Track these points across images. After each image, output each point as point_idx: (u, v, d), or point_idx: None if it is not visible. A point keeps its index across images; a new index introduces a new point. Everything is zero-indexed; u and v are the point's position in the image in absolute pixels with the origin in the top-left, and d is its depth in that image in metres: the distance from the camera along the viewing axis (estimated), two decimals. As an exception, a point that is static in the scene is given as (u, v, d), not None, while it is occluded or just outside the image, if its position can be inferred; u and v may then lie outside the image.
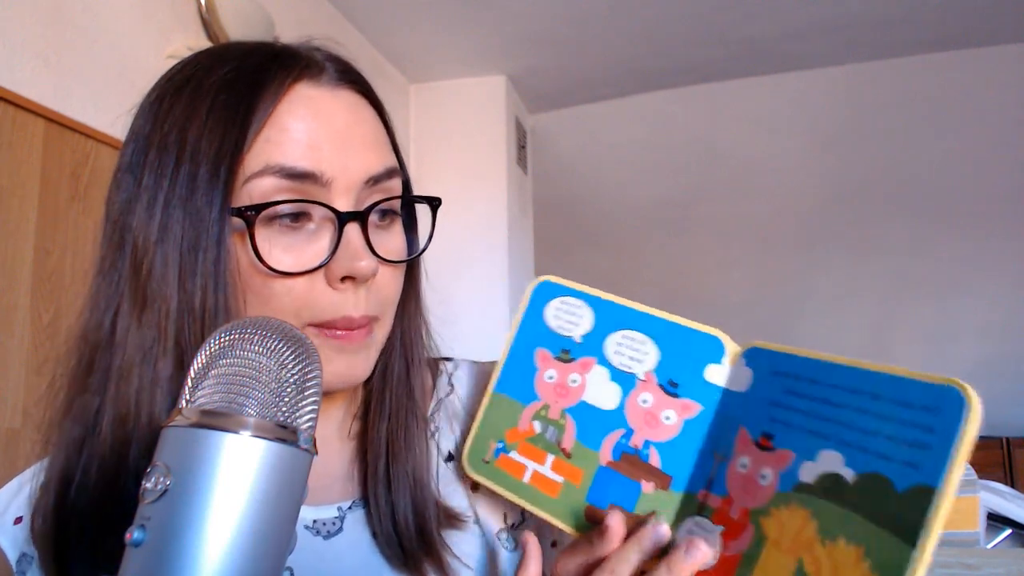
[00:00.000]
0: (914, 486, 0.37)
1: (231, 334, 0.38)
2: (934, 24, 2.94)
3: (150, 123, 0.52)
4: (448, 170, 3.22)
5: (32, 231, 1.45)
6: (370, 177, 0.52)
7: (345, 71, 0.55)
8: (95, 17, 1.64)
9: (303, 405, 0.37)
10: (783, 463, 0.43)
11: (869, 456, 0.39)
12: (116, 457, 0.49)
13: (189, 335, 0.48)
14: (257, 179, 0.49)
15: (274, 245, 0.49)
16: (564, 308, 0.55)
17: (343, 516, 0.56)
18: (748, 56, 3.16)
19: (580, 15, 2.78)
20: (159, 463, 0.35)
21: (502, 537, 0.59)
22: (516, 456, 0.53)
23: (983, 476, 2.35)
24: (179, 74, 0.53)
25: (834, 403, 0.42)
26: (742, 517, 0.43)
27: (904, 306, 4.57)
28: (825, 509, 0.40)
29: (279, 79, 0.51)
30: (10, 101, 1.42)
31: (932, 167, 3.92)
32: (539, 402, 0.54)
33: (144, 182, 0.50)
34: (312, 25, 2.54)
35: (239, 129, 0.49)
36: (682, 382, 0.49)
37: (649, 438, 0.49)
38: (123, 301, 0.50)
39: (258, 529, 0.34)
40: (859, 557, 0.38)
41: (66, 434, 0.51)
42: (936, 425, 0.37)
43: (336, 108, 0.52)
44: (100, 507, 0.49)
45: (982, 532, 2.26)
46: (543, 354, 0.55)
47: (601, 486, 0.49)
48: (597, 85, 3.40)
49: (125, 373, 0.49)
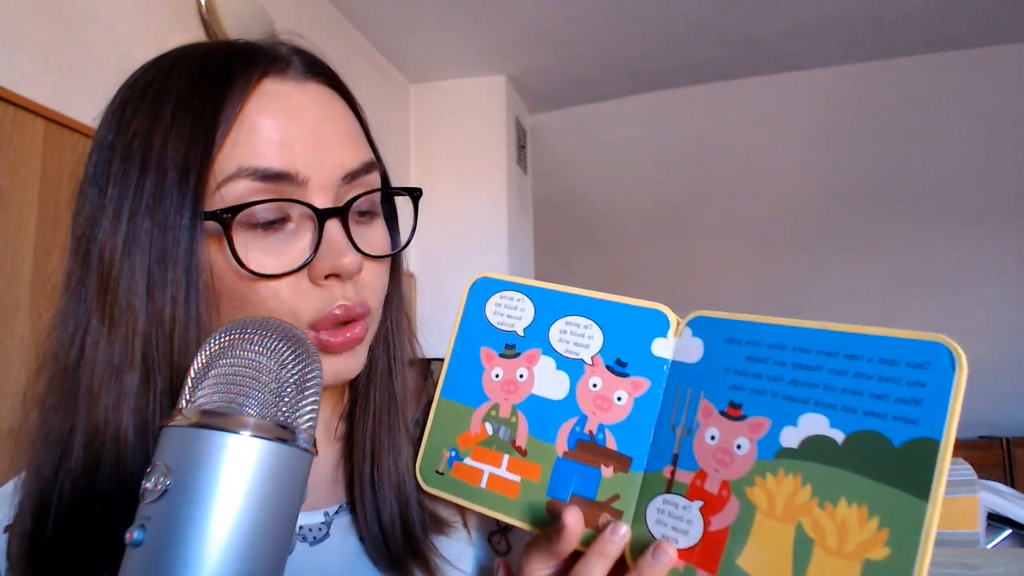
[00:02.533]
0: (913, 440, 0.37)
1: (231, 334, 0.38)
2: (934, 24, 2.94)
3: (113, 131, 0.50)
4: (448, 170, 3.22)
5: (32, 231, 1.45)
6: (347, 173, 0.51)
7: (312, 64, 0.53)
8: (95, 17, 1.64)
9: (303, 405, 0.37)
10: (759, 431, 0.42)
11: (856, 415, 0.39)
12: (87, 478, 0.47)
13: (156, 348, 0.47)
14: (230, 183, 0.47)
15: (253, 248, 0.48)
16: (504, 303, 0.54)
17: (329, 522, 0.55)
18: (748, 56, 3.16)
19: (580, 15, 2.78)
20: (159, 463, 0.35)
21: (494, 540, 0.58)
22: (471, 462, 0.52)
23: (983, 476, 2.35)
24: (140, 79, 0.51)
25: (805, 366, 0.42)
26: (722, 490, 0.43)
27: (904, 306, 4.57)
28: (817, 472, 0.40)
29: (244, 77, 0.49)
30: (10, 101, 1.42)
31: (932, 167, 3.93)
32: (488, 402, 0.52)
33: (109, 193, 0.48)
34: (312, 25, 2.54)
35: (206, 131, 0.47)
36: (630, 360, 0.48)
37: (603, 422, 0.48)
38: (91, 318, 0.48)
39: (258, 529, 0.34)
40: (864, 515, 0.38)
41: (40, 457, 0.49)
42: (928, 380, 0.38)
43: (306, 103, 0.50)
44: (73, 528, 0.48)
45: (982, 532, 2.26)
46: (487, 352, 0.53)
47: (560, 478, 0.48)
48: (597, 85, 3.40)
49: (95, 393, 0.47)
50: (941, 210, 4.16)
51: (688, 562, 0.43)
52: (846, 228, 4.40)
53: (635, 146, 3.95)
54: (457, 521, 0.57)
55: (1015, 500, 2.41)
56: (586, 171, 4.19)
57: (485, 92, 3.24)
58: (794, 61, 3.23)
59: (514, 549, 0.57)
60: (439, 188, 3.19)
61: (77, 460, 0.48)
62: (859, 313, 4.60)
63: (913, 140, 3.76)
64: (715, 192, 4.27)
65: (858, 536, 0.38)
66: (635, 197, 4.39)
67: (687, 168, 4.10)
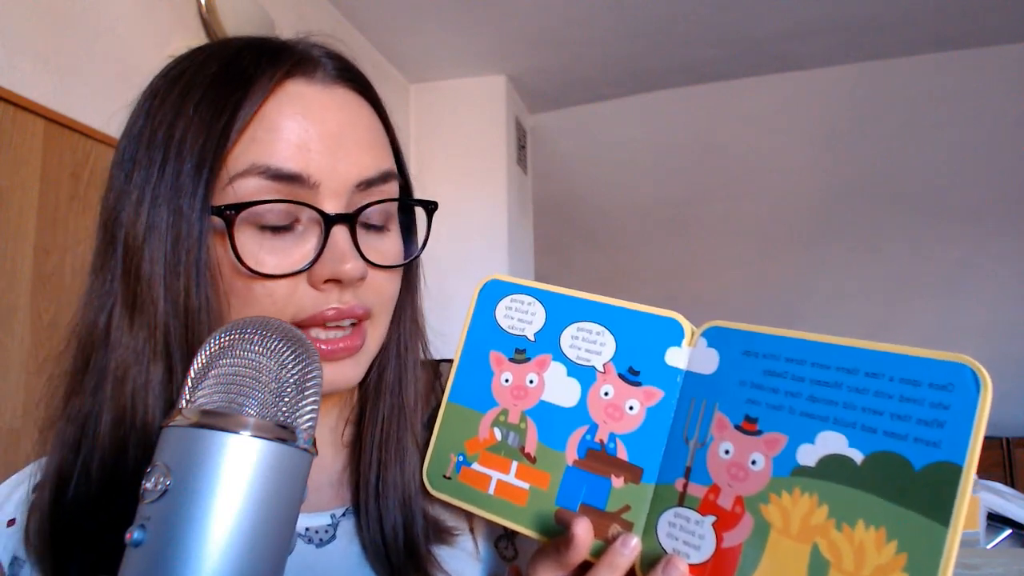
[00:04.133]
0: (934, 463, 0.36)
1: (231, 334, 0.38)
2: (934, 24, 2.94)
3: (142, 119, 0.51)
4: (448, 170, 3.22)
5: (32, 231, 1.45)
6: (362, 181, 0.51)
7: (343, 69, 0.54)
8: (95, 17, 1.64)
9: (303, 405, 0.37)
10: (775, 447, 0.41)
11: (876, 435, 0.38)
12: (115, 458, 0.48)
13: (176, 337, 0.48)
14: (242, 179, 0.48)
15: (260, 247, 0.48)
16: (514, 307, 0.53)
17: (336, 524, 0.55)
18: (748, 56, 3.16)
19: (580, 15, 2.78)
20: (159, 463, 0.35)
21: (501, 545, 0.57)
22: (478, 467, 0.51)
23: (983, 476, 2.35)
24: (173, 70, 0.52)
25: (825, 383, 0.41)
26: (736, 506, 0.42)
27: (904, 306, 4.57)
28: (834, 492, 0.39)
29: (268, 75, 0.49)
30: (10, 101, 1.42)
31: (932, 167, 3.92)
32: (497, 408, 0.51)
33: (134, 179, 0.49)
34: (312, 25, 2.54)
35: (223, 126, 0.47)
36: (643, 369, 0.47)
37: (614, 431, 0.47)
38: (116, 301, 0.49)
39: (258, 529, 0.34)
40: (882, 539, 0.37)
41: (62, 435, 0.50)
42: (951, 402, 0.37)
43: (329, 107, 0.51)
44: (98, 507, 0.48)
45: (982, 532, 2.26)
46: (497, 357, 0.52)
47: (570, 487, 0.47)
48: (597, 85, 3.40)
49: (120, 375, 0.48)
50: (941, 210, 4.16)
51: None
52: (846, 228, 4.40)
53: (635, 146, 3.95)
54: (463, 529, 0.56)
55: (1015, 500, 2.40)
56: (586, 171, 4.19)
57: (485, 92, 3.24)
58: (794, 61, 3.23)
59: (521, 554, 0.57)
60: (439, 188, 3.19)
61: (103, 442, 0.49)
62: (859, 313, 4.60)
63: (913, 140, 3.75)
64: (715, 192, 4.27)
65: (876, 560, 0.37)
66: (635, 197, 4.39)
67: (687, 168, 4.10)
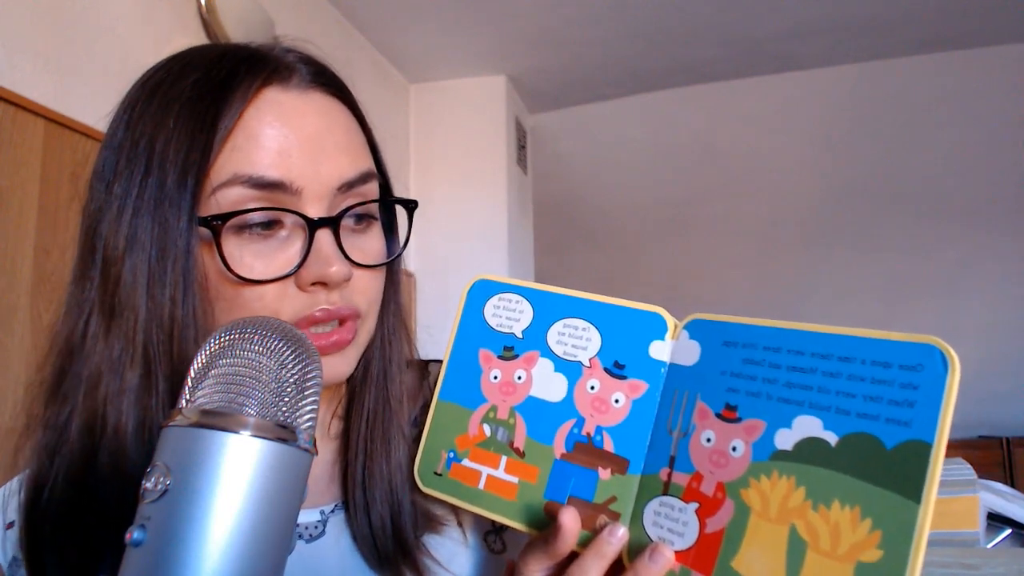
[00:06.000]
0: (905, 442, 0.38)
1: (231, 334, 0.38)
2: (934, 24, 2.94)
3: (122, 130, 0.51)
4: (448, 170, 3.22)
5: (32, 231, 1.45)
6: (343, 183, 0.52)
7: (318, 73, 0.54)
8: (95, 17, 1.64)
9: (303, 405, 0.37)
10: (754, 433, 0.43)
11: (850, 417, 0.40)
12: (83, 465, 0.49)
13: (157, 345, 0.48)
14: (225, 188, 0.48)
15: (245, 253, 0.49)
16: (502, 305, 0.54)
17: (325, 520, 0.56)
18: (748, 56, 3.16)
19: (580, 15, 2.78)
20: (159, 463, 0.35)
21: (489, 539, 0.58)
22: (468, 463, 0.52)
23: (983, 476, 2.35)
24: (151, 79, 0.53)
25: (800, 368, 0.42)
26: (717, 492, 0.43)
27: (904, 306, 4.57)
28: (810, 474, 0.40)
29: (246, 84, 0.50)
30: (10, 101, 1.42)
31: (932, 167, 3.93)
32: (487, 404, 0.52)
33: (115, 190, 0.50)
34: (312, 25, 2.54)
35: (205, 138, 0.48)
36: (628, 363, 0.49)
37: (601, 424, 0.48)
38: (94, 310, 0.50)
39: (258, 529, 0.34)
40: (857, 517, 0.38)
41: (39, 440, 0.51)
42: (920, 382, 0.38)
43: (307, 112, 0.51)
44: (69, 514, 0.49)
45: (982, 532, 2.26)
46: (486, 354, 0.54)
47: (558, 480, 0.49)
48: (597, 85, 3.40)
49: (94, 382, 0.49)
50: (941, 210, 4.16)
51: (684, 564, 0.43)
52: (846, 228, 4.40)
53: (635, 146, 3.95)
54: (451, 520, 0.57)
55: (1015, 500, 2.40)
56: (586, 171, 4.19)
57: (485, 92, 3.24)
58: (794, 61, 3.23)
59: (510, 547, 0.58)
60: (439, 188, 3.20)
61: (73, 446, 0.49)
62: (859, 313, 4.60)
63: (913, 140, 3.76)
64: (715, 192, 4.27)
65: (851, 538, 0.38)
66: (635, 197, 4.39)
67: (687, 168, 4.10)
